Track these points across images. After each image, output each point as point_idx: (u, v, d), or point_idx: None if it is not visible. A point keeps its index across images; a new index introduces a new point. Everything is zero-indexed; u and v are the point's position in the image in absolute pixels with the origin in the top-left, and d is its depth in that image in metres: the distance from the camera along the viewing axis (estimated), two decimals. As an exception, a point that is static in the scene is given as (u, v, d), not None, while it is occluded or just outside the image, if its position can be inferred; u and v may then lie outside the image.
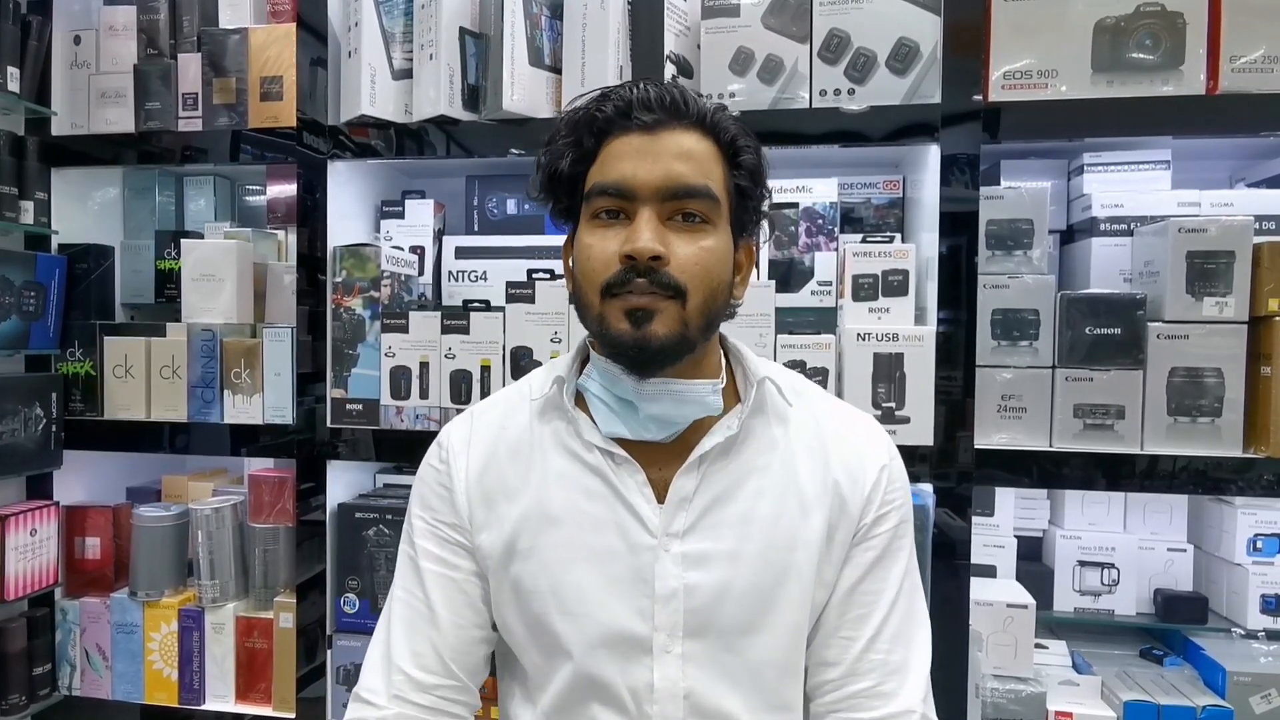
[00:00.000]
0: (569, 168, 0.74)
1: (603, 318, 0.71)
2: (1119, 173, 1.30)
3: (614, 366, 0.73)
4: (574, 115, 0.75)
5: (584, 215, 0.75)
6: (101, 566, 1.46)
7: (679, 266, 0.70)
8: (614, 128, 0.72)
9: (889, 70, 1.18)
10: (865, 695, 0.74)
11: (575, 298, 0.76)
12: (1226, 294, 1.13)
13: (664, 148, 0.71)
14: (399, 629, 0.79)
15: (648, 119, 0.71)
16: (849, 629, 0.75)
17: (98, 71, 1.44)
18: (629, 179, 0.70)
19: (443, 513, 0.80)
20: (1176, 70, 1.13)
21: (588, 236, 0.73)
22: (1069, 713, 1.17)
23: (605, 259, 0.71)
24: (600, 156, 0.73)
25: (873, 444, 0.80)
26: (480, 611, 0.80)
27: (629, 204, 0.71)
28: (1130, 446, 1.15)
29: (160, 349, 1.42)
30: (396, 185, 1.56)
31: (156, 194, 1.59)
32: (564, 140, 0.75)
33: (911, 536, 0.80)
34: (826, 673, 0.76)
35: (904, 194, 1.39)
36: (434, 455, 0.83)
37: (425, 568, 0.80)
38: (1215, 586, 1.31)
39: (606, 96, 0.73)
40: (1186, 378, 1.14)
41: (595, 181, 0.73)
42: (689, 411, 0.74)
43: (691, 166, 0.71)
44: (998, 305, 1.18)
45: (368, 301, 1.32)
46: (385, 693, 0.77)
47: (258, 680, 1.39)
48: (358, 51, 1.29)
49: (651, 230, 0.69)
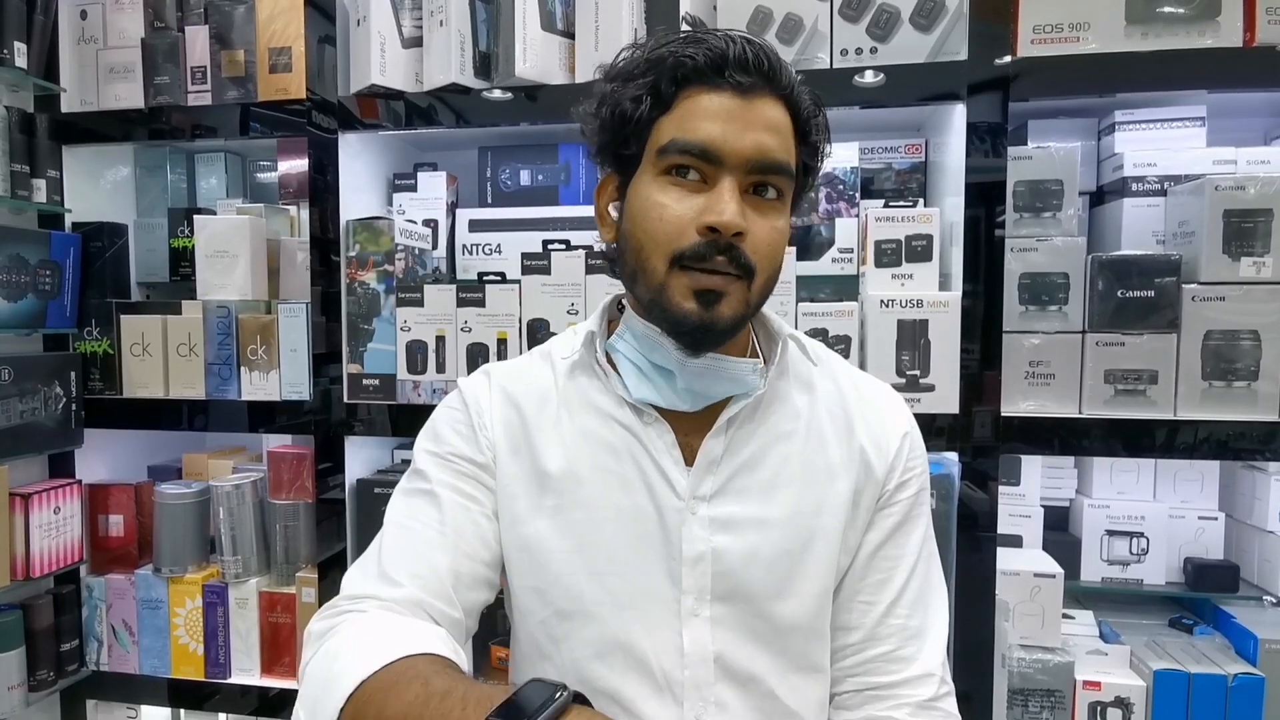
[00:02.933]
0: (644, 113, 0.68)
1: (666, 289, 0.67)
2: (1152, 130, 1.25)
3: (661, 336, 0.70)
4: (655, 53, 0.68)
5: (652, 167, 0.68)
6: (125, 544, 1.47)
7: (753, 246, 0.67)
8: (701, 79, 0.66)
9: (913, 27, 1.14)
10: (884, 659, 0.73)
11: (625, 255, 0.71)
12: (1265, 254, 1.09)
13: (756, 116, 0.66)
14: (395, 549, 0.70)
15: (742, 80, 0.65)
16: (869, 593, 0.75)
17: (105, 46, 1.42)
18: (718, 143, 0.65)
19: (461, 449, 0.75)
20: (1213, 21, 1.08)
21: (659, 194, 0.67)
22: (1097, 682, 1.16)
23: (680, 225, 0.66)
24: (679, 107, 0.67)
25: (894, 412, 0.79)
26: (493, 550, 0.73)
27: (711, 168, 0.66)
28: (1163, 412, 1.12)
29: (177, 327, 1.41)
30: (408, 158, 1.54)
31: (168, 171, 1.58)
32: (640, 80, 0.68)
33: (928, 504, 0.79)
34: (846, 636, 0.75)
35: (926, 158, 1.35)
36: (452, 400, 0.79)
37: (440, 494, 0.72)
38: (1247, 555, 1.28)
39: (697, 40, 0.66)
40: (1222, 341, 1.10)
41: (675, 137, 0.66)
42: (729, 388, 0.73)
43: (779, 141, 0.67)
44: (1025, 269, 1.15)
45: (382, 276, 1.31)
46: (363, 593, 0.67)
47: (282, 654, 1.40)
48: (366, 20, 1.27)
49: (738, 203, 0.65)
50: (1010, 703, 1.18)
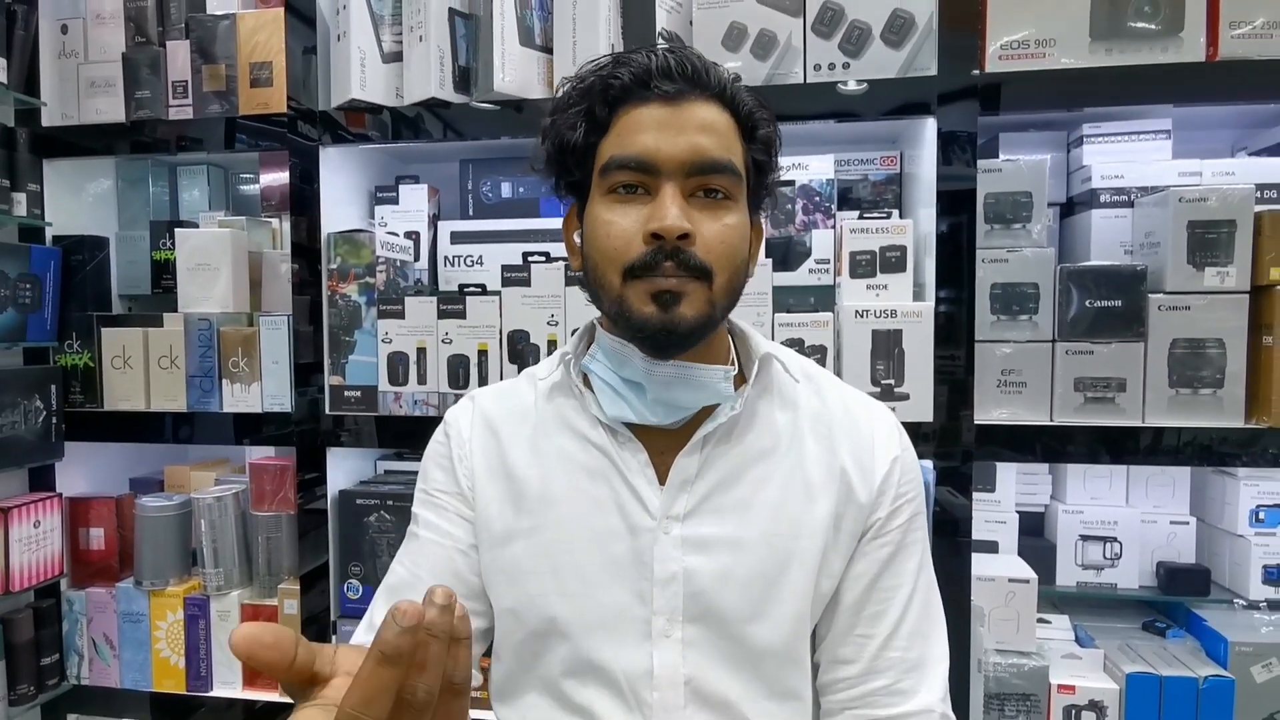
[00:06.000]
0: (581, 139, 0.70)
1: (624, 300, 0.68)
2: (1119, 143, 1.28)
3: (627, 347, 0.71)
4: (584, 83, 0.70)
5: (598, 190, 0.70)
6: (106, 557, 1.47)
7: (704, 246, 0.67)
8: (631, 96, 0.68)
9: (884, 43, 1.16)
10: (883, 693, 0.72)
11: (588, 277, 0.72)
12: (1228, 264, 1.11)
13: (687, 120, 0.67)
14: (381, 597, 0.78)
15: (669, 88, 0.67)
16: (865, 626, 0.73)
17: (86, 61, 1.43)
18: (652, 152, 0.66)
19: (441, 482, 0.80)
20: (1176, 37, 1.11)
21: (606, 213, 0.69)
22: (1072, 685, 1.18)
23: (626, 237, 0.67)
24: (615, 127, 0.69)
25: (884, 434, 0.77)
26: (469, 582, 0.77)
27: (650, 179, 0.67)
28: (1132, 419, 1.14)
29: (158, 339, 1.42)
30: (389, 170, 1.55)
31: (150, 184, 1.59)
32: (574, 109, 0.70)
33: (925, 529, 0.77)
34: (843, 670, 0.73)
35: (901, 169, 1.37)
36: (438, 433, 0.84)
37: (421, 535, 0.79)
38: (1217, 558, 1.31)
39: (621, 62, 0.69)
40: (1188, 349, 1.13)
41: (613, 155, 0.68)
42: (700, 397, 0.72)
43: (715, 140, 0.67)
44: (997, 280, 1.17)
45: (363, 288, 1.32)
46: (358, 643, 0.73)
47: (264, 667, 1.40)
48: (347, 35, 1.28)
49: (679, 207, 0.66)
50: (986, 707, 1.19)
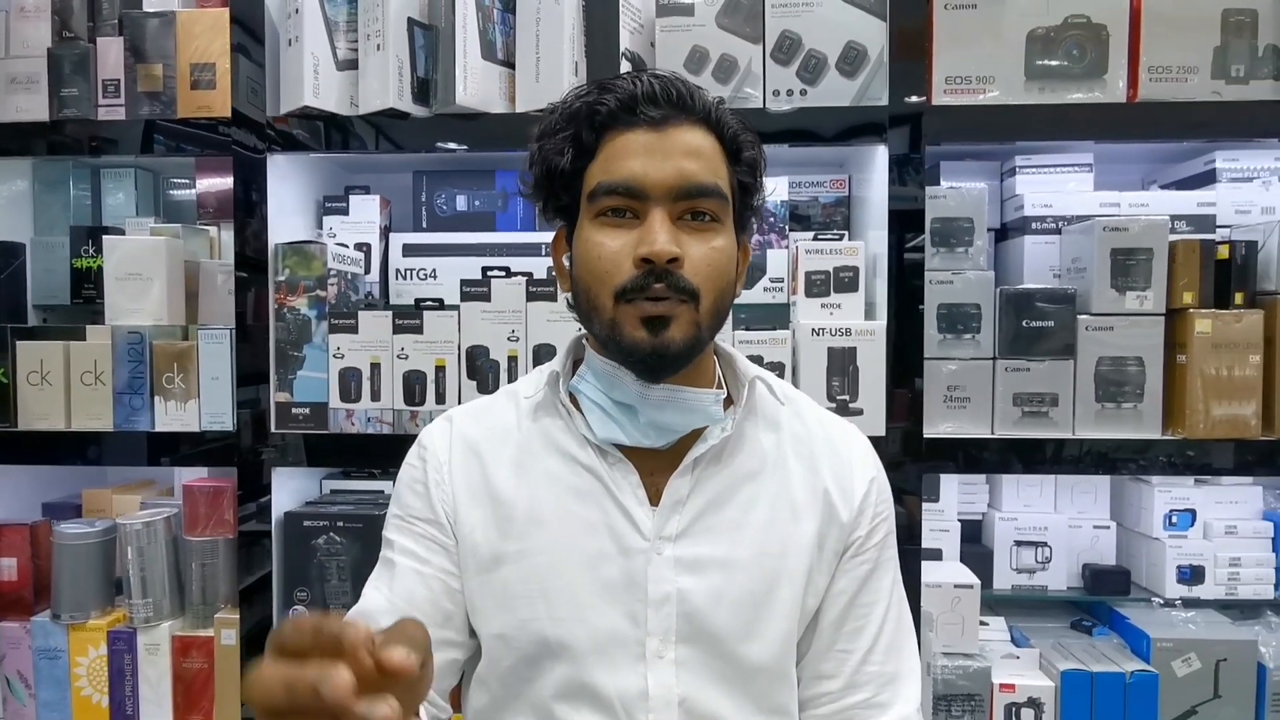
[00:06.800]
0: (568, 164, 0.71)
1: (615, 323, 0.69)
2: (1047, 174, 1.38)
3: (619, 370, 0.71)
4: (571, 108, 0.72)
5: (586, 214, 0.72)
6: (19, 588, 1.35)
7: (692, 268, 0.69)
8: (617, 122, 0.70)
9: (839, 72, 1.21)
10: (863, 706, 0.75)
11: (578, 300, 0.73)
12: (1146, 288, 1.21)
13: (673, 145, 0.69)
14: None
15: (654, 114, 0.69)
16: (845, 642, 0.76)
17: (7, 55, 1.33)
18: (639, 178, 0.68)
19: (417, 509, 0.77)
20: (1100, 78, 1.21)
21: (595, 236, 0.70)
22: (1012, 684, 1.24)
23: (617, 261, 0.69)
24: (602, 152, 0.71)
25: (861, 456, 0.81)
26: (447, 610, 0.75)
27: (639, 203, 0.69)
28: (1063, 432, 1.22)
29: (80, 353, 1.32)
30: (338, 180, 1.50)
31: (71, 187, 1.48)
32: (561, 135, 0.72)
33: (895, 547, 0.81)
34: (824, 685, 0.76)
35: (850, 192, 1.43)
36: (412, 455, 0.81)
37: (396, 561, 0.76)
38: (1136, 560, 1.41)
39: (606, 89, 0.70)
40: (1112, 366, 1.22)
41: (600, 180, 0.70)
42: (692, 420, 0.73)
43: (701, 164, 0.69)
44: (942, 300, 1.24)
45: (314, 301, 1.27)
46: None
47: (198, 701, 1.32)
48: (299, 40, 1.24)
49: (667, 231, 0.68)
50: (935, 709, 1.24)
